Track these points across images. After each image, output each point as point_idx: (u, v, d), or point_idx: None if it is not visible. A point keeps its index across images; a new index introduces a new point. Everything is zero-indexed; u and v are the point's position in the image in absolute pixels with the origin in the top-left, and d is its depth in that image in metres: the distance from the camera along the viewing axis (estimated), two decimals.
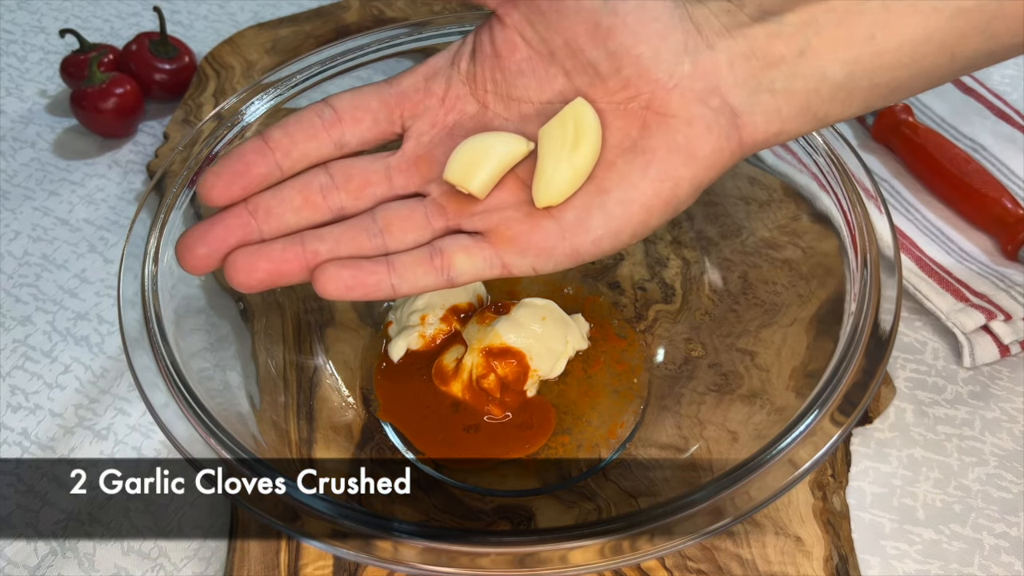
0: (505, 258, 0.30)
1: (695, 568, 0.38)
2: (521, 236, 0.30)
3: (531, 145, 0.30)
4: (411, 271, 0.30)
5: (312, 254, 0.30)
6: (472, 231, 0.31)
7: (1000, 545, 0.40)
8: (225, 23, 0.72)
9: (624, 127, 0.29)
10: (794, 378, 0.36)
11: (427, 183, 0.31)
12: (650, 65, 0.28)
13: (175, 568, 0.40)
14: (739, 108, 0.28)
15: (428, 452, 0.41)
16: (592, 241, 0.30)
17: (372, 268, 0.29)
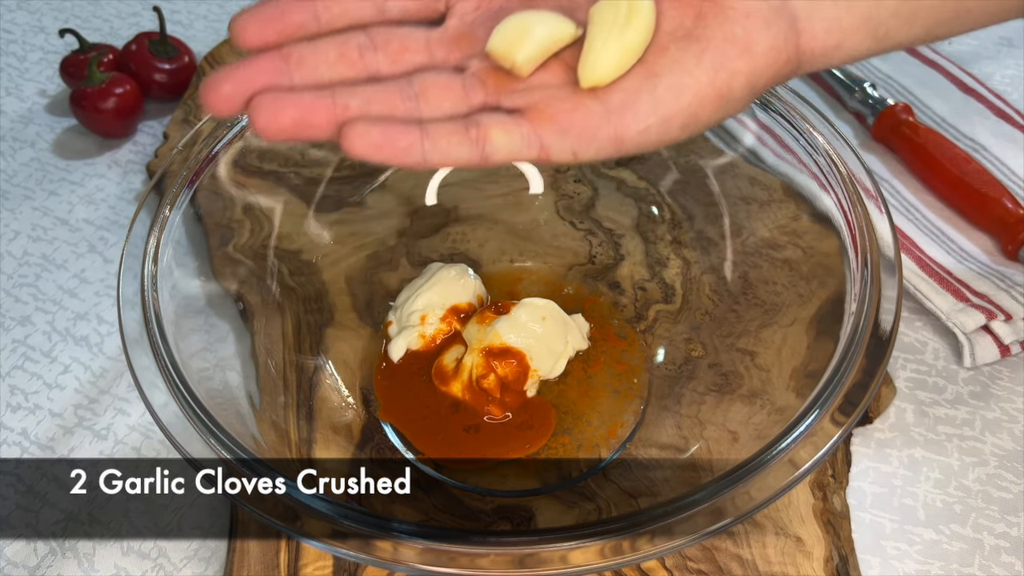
0: (544, 138, 0.28)
1: (695, 568, 0.38)
2: (563, 114, 0.28)
3: (579, 30, 0.29)
4: (445, 139, 0.28)
5: (342, 108, 0.28)
6: (512, 108, 0.29)
7: (1000, 545, 0.40)
8: (225, 23, 0.71)
9: (679, 15, 0.28)
10: (794, 378, 0.36)
11: (467, 59, 0.30)
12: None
13: (175, 568, 0.40)
14: (799, 11, 0.27)
15: (428, 452, 0.41)
16: (639, 130, 0.28)
17: (404, 130, 0.28)
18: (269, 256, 0.44)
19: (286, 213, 0.45)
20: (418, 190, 0.49)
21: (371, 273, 0.48)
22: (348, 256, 0.47)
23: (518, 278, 0.49)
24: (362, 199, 0.48)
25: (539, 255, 0.50)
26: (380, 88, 0.28)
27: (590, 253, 0.49)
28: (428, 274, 0.46)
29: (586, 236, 0.50)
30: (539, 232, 0.50)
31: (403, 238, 0.49)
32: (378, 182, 0.49)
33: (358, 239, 0.48)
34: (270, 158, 0.44)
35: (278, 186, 0.45)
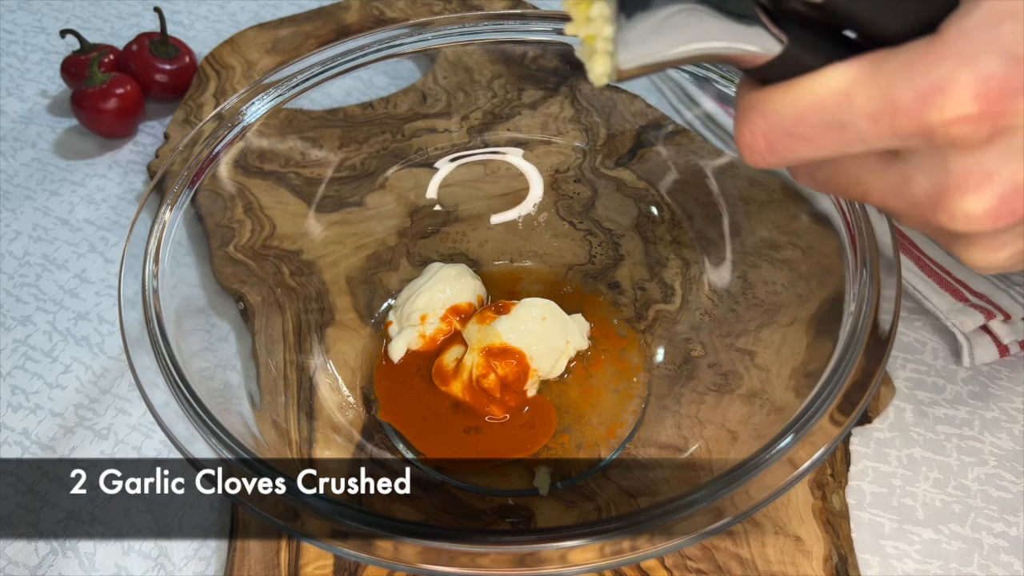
0: None
1: (695, 568, 0.38)
2: None
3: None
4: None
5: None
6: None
7: (999, 545, 0.40)
8: (225, 23, 0.72)
9: None
10: (794, 378, 0.36)
11: None
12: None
13: (175, 568, 0.40)
14: None
15: (428, 452, 0.41)
16: None
17: None
18: (269, 256, 0.44)
19: (286, 213, 0.45)
20: (418, 190, 0.50)
21: (371, 273, 0.48)
22: (348, 256, 0.47)
23: (518, 278, 0.49)
24: (362, 199, 0.48)
25: (539, 255, 0.50)
26: None
27: (590, 253, 0.49)
28: (428, 274, 0.46)
29: (586, 236, 0.50)
30: (539, 232, 0.50)
31: (403, 238, 0.49)
32: (378, 182, 0.49)
33: (358, 239, 0.48)
34: (271, 158, 0.44)
35: (278, 186, 0.45)
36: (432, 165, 0.50)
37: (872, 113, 0.22)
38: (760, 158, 0.24)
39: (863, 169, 0.24)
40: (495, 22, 0.45)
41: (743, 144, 0.24)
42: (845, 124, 0.22)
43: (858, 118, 0.22)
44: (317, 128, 0.47)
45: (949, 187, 0.22)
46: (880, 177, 0.24)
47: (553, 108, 0.50)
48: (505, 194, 0.50)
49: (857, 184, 0.25)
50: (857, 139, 0.23)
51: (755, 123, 0.24)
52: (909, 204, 0.24)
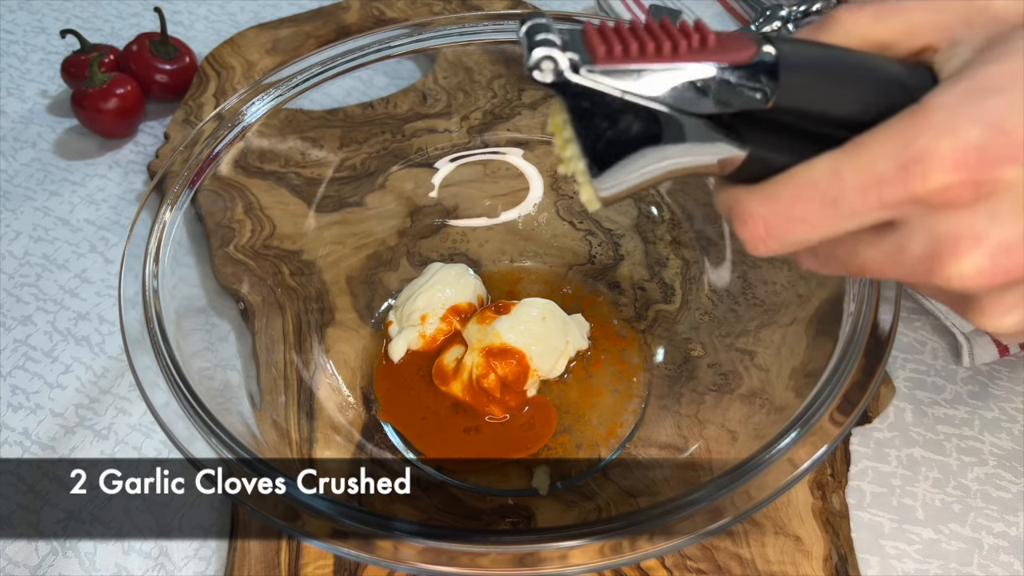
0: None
1: (695, 567, 0.38)
2: None
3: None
4: None
5: None
6: None
7: (999, 544, 0.40)
8: (225, 23, 0.72)
9: None
10: (794, 378, 0.36)
11: None
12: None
13: (175, 568, 0.40)
14: None
15: (428, 453, 0.41)
16: None
17: None
18: (269, 256, 0.44)
19: (286, 213, 0.45)
20: (418, 190, 0.50)
21: (371, 273, 0.48)
22: (348, 256, 0.47)
23: (518, 278, 0.49)
24: (362, 199, 0.48)
25: (539, 255, 0.50)
26: None
27: (590, 253, 0.49)
28: (428, 274, 0.46)
29: (586, 236, 0.50)
30: (539, 232, 0.50)
31: (403, 238, 0.49)
32: (378, 182, 0.49)
33: (358, 239, 0.48)
34: (271, 158, 0.45)
35: (278, 186, 0.45)
36: (432, 165, 0.50)
37: (860, 186, 0.23)
38: (763, 244, 0.25)
39: (860, 243, 0.25)
40: (495, 22, 0.45)
41: (746, 232, 0.25)
42: (837, 200, 0.23)
43: (848, 193, 0.23)
44: (317, 128, 0.47)
45: (941, 251, 0.23)
46: (876, 249, 0.25)
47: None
48: (505, 194, 0.50)
49: (855, 257, 0.25)
50: (850, 214, 0.23)
51: (755, 210, 0.25)
52: (907, 271, 0.24)
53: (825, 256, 0.26)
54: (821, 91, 0.25)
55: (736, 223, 0.26)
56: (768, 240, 0.25)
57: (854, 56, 0.25)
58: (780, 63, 0.24)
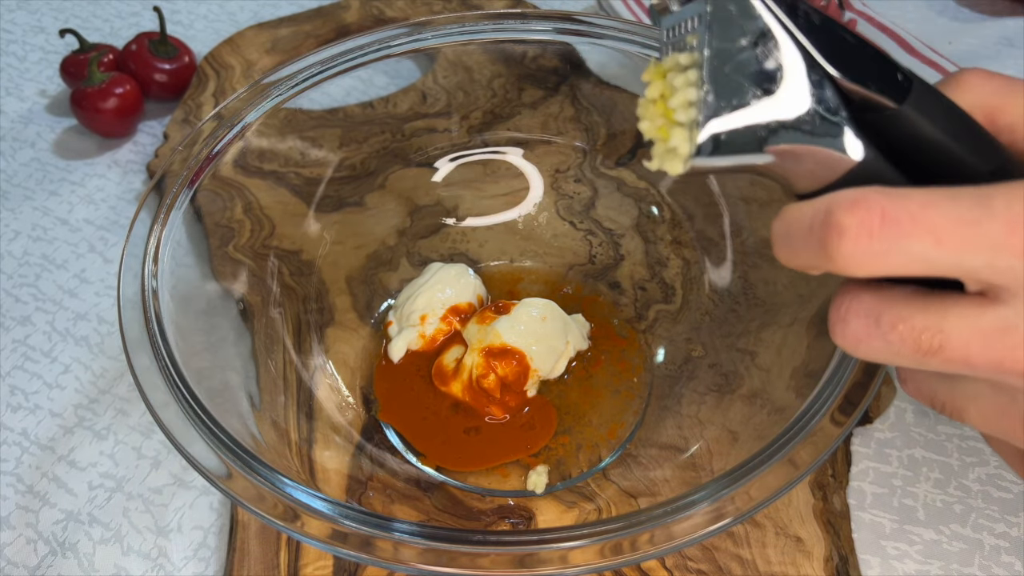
0: None
1: (695, 568, 0.38)
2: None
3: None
4: None
5: None
6: None
7: (1000, 545, 0.40)
8: (225, 23, 0.71)
9: None
10: (795, 378, 0.36)
11: None
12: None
13: (175, 568, 0.40)
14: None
15: (428, 453, 0.41)
16: None
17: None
18: (269, 256, 0.44)
19: (286, 213, 0.45)
20: (418, 190, 0.50)
21: (371, 273, 0.48)
22: (348, 256, 0.47)
23: (518, 278, 0.49)
24: (362, 199, 0.48)
25: (539, 255, 0.50)
26: None
27: (590, 253, 0.49)
28: (428, 274, 0.46)
29: (586, 236, 0.50)
30: (539, 232, 0.50)
31: (403, 238, 0.49)
32: (378, 182, 0.49)
33: (358, 239, 0.48)
34: (270, 158, 0.44)
35: (278, 186, 0.45)
36: (432, 165, 0.50)
37: (1009, 221, 0.20)
38: (867, 238, 0.21)
39: (951, 310, 0.22)
40: (495, 22, 0.45)
41: (854, 218, 0.21)
42: (978, 224, 0.20)
43: (995, 223, 0.20)
44: (317, 128, 0.46)
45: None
46: (971, 322, 0.21)
47: (553, 108, 0.50)
48: (505, 194, 0.50)
49: (938, 331, 0.22)
50: (984, 245, 0.20)
51: (874, 199, 0.21)
52: (1003, 357, 0.21)
53: (892, 323, 0.22)
54: (944, 119, 0.23)
55: (842, 207, 0.21)
56: (878, 235, 0.21)
57: (970, 116, 0.25)
58: (911, 74, 0.23)
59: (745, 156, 0.23)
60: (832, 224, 0.21)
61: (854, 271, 0.21)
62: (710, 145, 0.23)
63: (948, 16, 0.67)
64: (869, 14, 0.65)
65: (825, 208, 0.21)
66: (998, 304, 0.21)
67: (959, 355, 0.21)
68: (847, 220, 0.21)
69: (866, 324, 0.23)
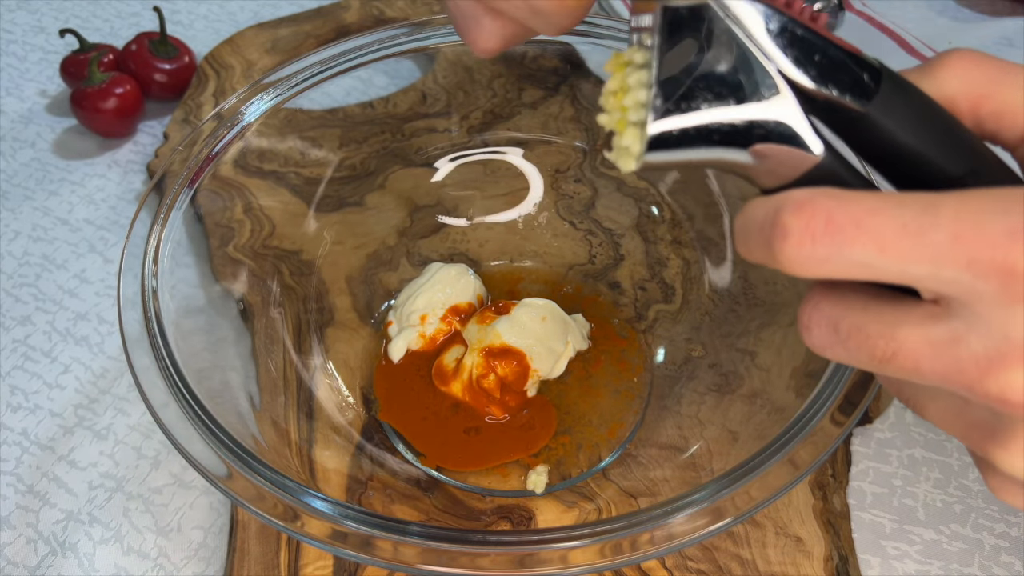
0: None
1: (695, 568, 0.38)
2: None
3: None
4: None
5: None
6: None
7: (1000, 545, 0.40)
8: (225, 23, 0.71)
9: None
10: (795, 378, 0.36)
11: None
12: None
13: (175, 568, 0.40)
14: None
15: (428, 453, 0.41)
16: None
17: None
18: (269, 256, 0.44)
19: (286, 213, 0.45)
20: (418, 190, 0.50)
21: (371, 273, 0.48)
22: (348, 256, 0.47)
23: (518, 278, 0.49)
24: (362, 199, 0.48)
25: (539, 255, 0.50)
26: None
27: (590, 253, 0.49)
28: (428, 274, 0.46)
29: (586, 236, 0.50)
30: (539, 232, 0.50)
31: (403, 238, 0.49)
32: (378, 182, 0.49)
33: (358, 239, 0.48)
34: (270, 158, 0.44)
35: (278, 186, 0.45)
36: (432, 165, 0.50)
37: (955, 233, 0.20)
38: (810, 242, 0.21)
39: (905, 322, 0.21)
40: None
41: (799, 221, 0.21)
42: (921, 233, 0.20)
43: (939, 233, 0.20)
44: (317, 128, 0.46)
45: (1008, 354, 0.20)
46: (921, 332, 0.21)
47: (553, 108, 0.50)
48: (505, 194, 0.50)
49: (890, 339, 0.22)
50: (927, 258, 0.20)
51: (821, 202, 0.21)
52: (950, 368, 0.21)
53: (848, 331, 0.22)
54: (914, 120, 0.23)
55: (789, 208, 0.21)
56: (820, 239, 0.21)
57: (948, 112, 0.24)
58: (883, 72, 0.23)
59: (698, 154, 0.23)
60: (778, 225, 0.21)
61: (799, 273, 0.21)
62: (657, 146, 0.23)
63: (948, 16, 0.67)
64: (869, 14, 0.65)
65: (775, 208, 0.21)
66: (949, 315, 0.21)
67: (910, 364, 0.21)
68: (792, 223, 0.21)
69: (827, 332, 0.23)
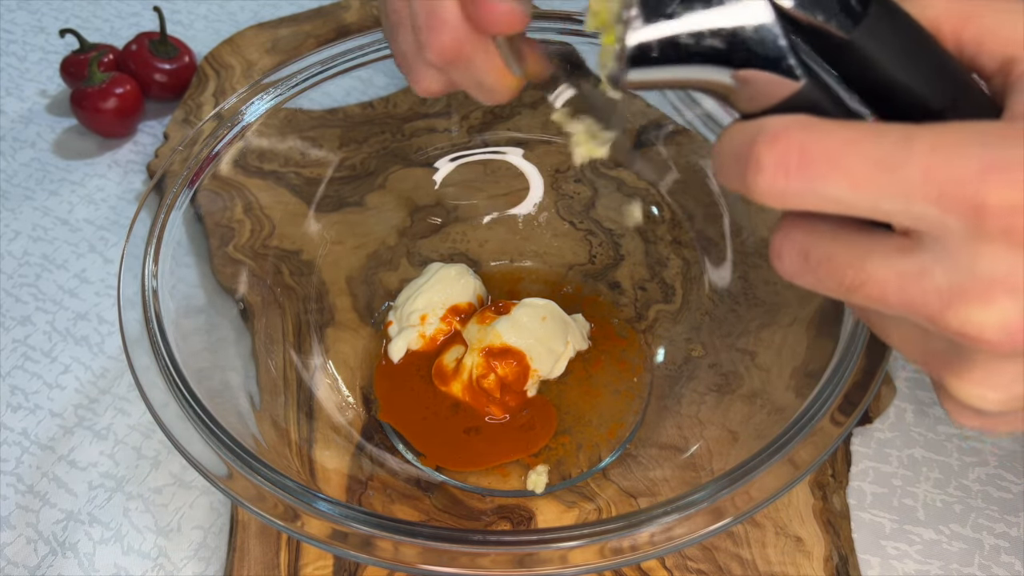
0: None
1: (695, 568, 0.38)
2: None
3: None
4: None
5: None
6: None
7: (1000, 545, 0.40)
8: (225, 23, 0.71)
9: None
10: (794, 378, 0.36)
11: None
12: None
13: (175, 568, 0.40)
14: None
15: (428, 453, 0.41)
16: None
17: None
18: (269, 256, 0.44)
19: (286, 213, 0.45)
20: (418, 190, 0.50)
21: (371, 273, 0.48)
22: (348, 256, 0.47)
23: (518, 278, 0.49)
24: (362, 199, 0.48)
25: (539, 255, 0.50)
26: None
27: (590, 253, 0.49)
28: (428, 274, 0.46)
29: (586, 236, 0.50)
30: (539, 232, 0.50)
31: (403, 238, 0.49)
32: (378, 182, 0.49)
33: (358, 239, 0.48)
34: (270, 158, 0.44)
35: (278, 186, 0.45)
36: (432, 165, 0.50)
37: (927, 167, 0.20)
38: (783, 176, 0.21)
39: (873, 253, 0.22)
40: None
41: (772, 154, 0.21)
42: (895, 168, 0.20)
43: (912, 166, 0.20)
44: (317, 128, 0.46)
45: (970, 288, 0.20)
46: (890, 265, 0.21)
47: None
48: (505, 194, 0.50)
49: (858, 270, 0.22)
50: (899, 193, 0.20)
51: (794, 133, 0.21)
52: (915, 301, 0.21)
53: (819, 260, 0.23)
54: (900, 48, 0.23)
55: (762, 141, 0.21)
56: (792, 173, 0.20)
57: (935, 40, 0.24)
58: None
59: (678, 73, 0.23)
60: (752, 158, 0.21)
61: (772, 205, 0.21)
62: (639, 62, 0.23)
63: None
64: None
65: (750, 138, 0.21)
66: (919, 248, 0.21)
67: (876, 294, 0.22)
68: (765, 157, 0.21)
69: (797, 260, 0.23)
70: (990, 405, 0.22)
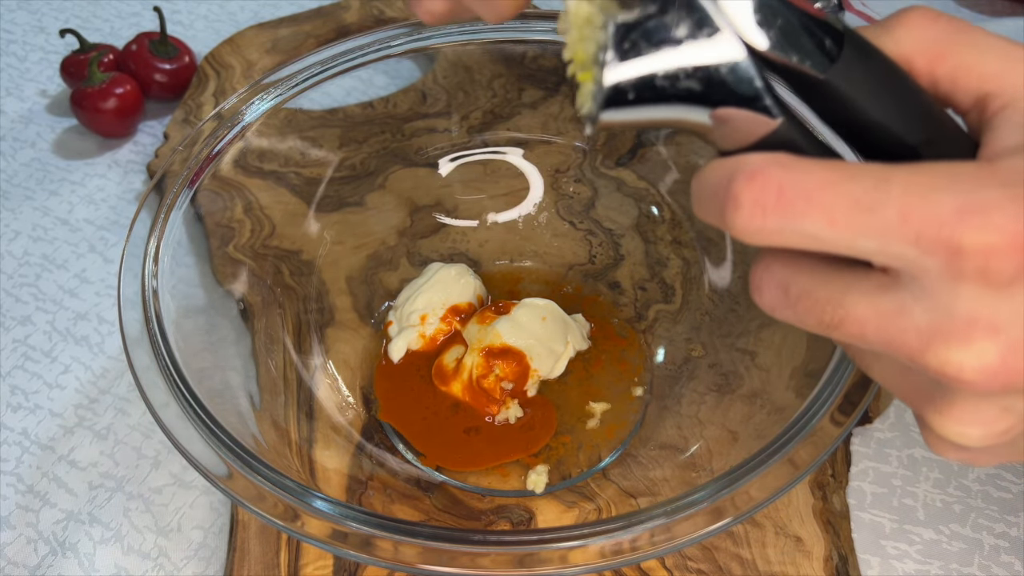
0: None
1: (695, 568, 0.38)
2: None
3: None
4: None
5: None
6: None
7: (1000, 545, 0.40)
8: (225, 23, 0.72)
9: None
10: (794, 378, 0.36)
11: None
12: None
13: (175, 568, 0.40)
14: None
15: (428, 453, 0.41)
16: None
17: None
18: (269, 256, 0.44)
19: (286, 213, 0.45)
20: (418, 190, 0.50)
21: (371, 273, 0.48)
22: (348, 256, 0.47)
23: (518, 278, 0.49)
24: (362, 199, 0.48)
25: (539, 255, 0.50)
26: None
27: (590, 253, 0.49)
28: (428, 274, 0.46)
29: (586, 236, 0.50)
30: (539, 232, 0.50)
31: (403, 238, 0.49)
32: (378, 182, 0.49)
33: (358, 239, 0.48)
34: (270, 158, 0.44)
35: (278, 186, 0.45)
36: (432, 165, 0.50)
37: (903, 208, 0.20)
38: (760, 214, 0.21)
39: (852, 290, 0.22)
40: None
41: (750, 192, 0.21)
42: (872, 209, 0.20)
43: (888, 208, 0.20)
44: (317, 128, 0.46)
45: (949, 329, 0.20)
46: (869, 303, 0.21)
47: (553, 108, 0.50)
48: (505, 194, 0.50)
49: (837, 306, 0.22)
50: (876, 232, 0.20)
51: (773, 172, 0.21)
52: (894, 339, 0.21)
53: (798, 296, 0.23)
54: (874, 87, 0.23)
55: (740, 179, 0.21)
56: (770, 211, 0.21)
57: (909, 77, 0.24)
58: (846, 35, 0.23)
59: (655, 113, 0.23)
60: (730, 195, 0.21)
61: (750, 241, 0.22)
62: (615, 103, 0.23)
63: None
64: (869, 14, 0.65)
65: (728, 175, 0.21)
66: (898, 286, 0.21)
67: (856, 331, 0.22)
68: (744, 195, 0.21)
69: (777, 294, 0.23)
70: (971, 441, 0.23)
